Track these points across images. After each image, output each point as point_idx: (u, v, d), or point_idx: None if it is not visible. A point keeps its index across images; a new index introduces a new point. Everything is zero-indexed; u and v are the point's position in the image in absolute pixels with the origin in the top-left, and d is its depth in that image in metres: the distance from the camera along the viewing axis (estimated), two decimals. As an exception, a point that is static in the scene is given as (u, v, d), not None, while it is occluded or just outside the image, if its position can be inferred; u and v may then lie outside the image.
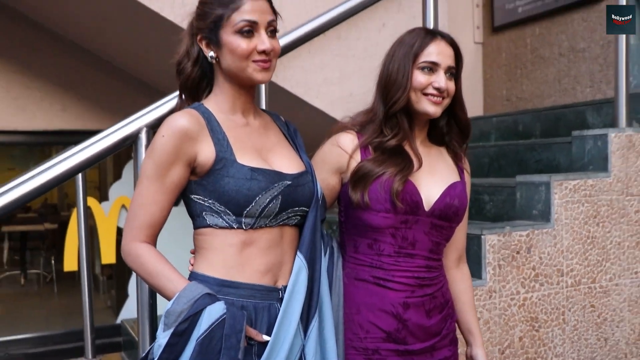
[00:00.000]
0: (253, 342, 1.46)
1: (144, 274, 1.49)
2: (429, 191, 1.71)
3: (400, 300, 1.68)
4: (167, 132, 1.46)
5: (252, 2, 1.49)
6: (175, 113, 1.52)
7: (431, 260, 1.72)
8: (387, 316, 1.67)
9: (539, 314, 2.47)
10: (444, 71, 1.70)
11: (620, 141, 2.67)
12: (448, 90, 1.70)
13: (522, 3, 4.81)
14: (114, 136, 1.94)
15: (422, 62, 1.70)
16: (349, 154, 1.72)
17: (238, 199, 1.46)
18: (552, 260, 2.50)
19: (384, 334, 1.67)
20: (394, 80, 1.70)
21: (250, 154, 1.52)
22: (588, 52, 4.35)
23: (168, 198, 1.49)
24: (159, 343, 1.41)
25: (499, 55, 5.06)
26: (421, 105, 1.70)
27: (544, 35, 4.67)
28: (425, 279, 1.71)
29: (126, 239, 1.50)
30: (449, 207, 1.71)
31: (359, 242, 1.73)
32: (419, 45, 1.71)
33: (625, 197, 2.67)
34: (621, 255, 2.67)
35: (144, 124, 1.94)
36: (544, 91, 4.67)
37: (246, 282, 1.49)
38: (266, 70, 1.53)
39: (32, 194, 1.79)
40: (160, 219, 1.50)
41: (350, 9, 2.45)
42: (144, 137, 1.94)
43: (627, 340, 2.70)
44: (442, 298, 1.76)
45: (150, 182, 1.47)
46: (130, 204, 1.53)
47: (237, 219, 1.48)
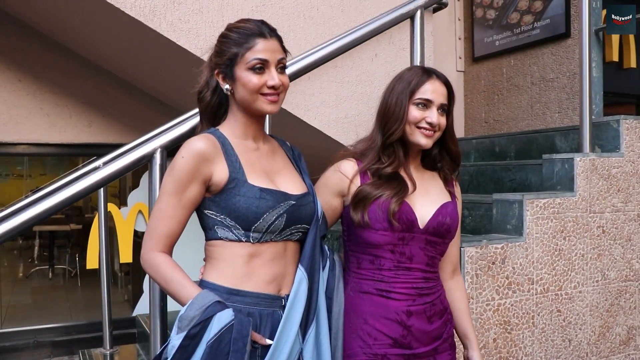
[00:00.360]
0: (257, 345, 1.46)
1: (160, 281, 1.49)
2: (423, 211, 1.71)
3: (404, 309, 1.67)
4: (186, 153, 1.47)
5: (263, 42, 1.51)
6: (194, 137, 1.53)
7: (428, 272, 1.72)
8: (393, 324, 1.67)
9: (511, 318, 2.45)
10: (436, 108, 1.70)
11: (584, 164, 2.66)
12: (439, 125, 1.71)
13: (499, 37, 4.82)
14: (132, 155, 1.92)
15: (417, 99, 1.70)
16: (350, 179, 1.73)
17: (247, 216, 1.46)
18: (523, 270, 2.48)
19: (391, 340, 1.66)
20: (392, 113, 1.71)
21: (259, 175, 1.53)
22: (556, 82, 4.36)
23: (185, 213, 1.49)
24: (173, 344, 1.41)
25: (478, 82, 5.07)
26: (415, 137, 1.71)
27: (518, 66, 4.67)
28: (423, 288, 1.70)
29: (145, 248, 1.50)
30: (441, 225, 1.71)
31: (361, 258, 1.72)
32: (416, 83, 1.71)
33: (588, 214, 2.66)
34: (584, 265, 2.65)
35: (158, 145, 1.92)
36: (518, 115, 4.67)
37: (252, 291, 1.49)
38: (274, 102, 1.54)
39: (64, 203, 1.78)
40: (176, 231, 1.50)
41: (348, 44, 2.44)
42: (158, 156, 1.92)
43: (588, 341, 2.68)
44: (441, 305, 1.75)
45: (169, 197, 1.48)
46: (150, 216, 1.53)
47: (246, 233, 1.48)
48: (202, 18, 3.53)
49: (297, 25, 3.83)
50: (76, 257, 7.01)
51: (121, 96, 4.92)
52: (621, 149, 2.79)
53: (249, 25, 1.55)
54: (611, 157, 2.75)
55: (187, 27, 3.48)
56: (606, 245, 2.71)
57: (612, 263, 2.74)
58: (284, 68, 1.56)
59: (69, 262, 7.33)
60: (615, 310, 2.75)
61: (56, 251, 7.59)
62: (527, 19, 4.57)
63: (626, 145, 2.79)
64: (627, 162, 2.78)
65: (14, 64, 4.64)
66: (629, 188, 2.79)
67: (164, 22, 3.42)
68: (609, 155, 2.76)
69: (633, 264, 2.80)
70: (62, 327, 4.97)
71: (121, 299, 5.97)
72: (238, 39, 1.53)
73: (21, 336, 4.83)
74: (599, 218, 2.69)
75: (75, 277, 7.01)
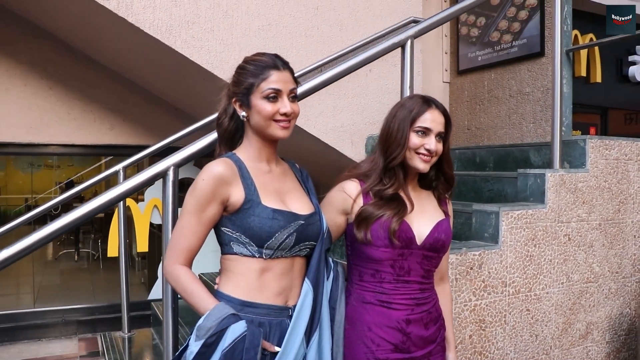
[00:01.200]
0: (266, 352, 1.47)
1: (181, 291, 1.49)
2: (420, 228, 1.70)
3: (404, 317, 1.67)
4: (206, 176, 1.47)
5: (277, 74, 1.52)
6: (213, 161, 1.52)
7: (424, 284, 1.71)
8: (394, 331, 1.66)
9: (485, 317, 2.46)
10: (435, 135, 1.67)
11: (554, 179, 2.66)
12: (437, 151, 1.69)
13: (481, 53, 4.80)
14: (148, 172, 1.92)
15: (417, 127, 1.67)
16: (353, 199, 1.71)
17: (261, 234, 1.47)
18: (498, 274, 2.49)
19: (392, 346, 1.66)
20: (394, 138, 1.69)
21: (272, 196, 1.53)
22: (532, 96, 4.35)
23: (204, 230, 1.49)
24: (191, 350, 1.42)
25: (462, 93, 5.06)
26: (414, 162, 1.69)
27: (498, 79, 4.67)
28: (420, 298, 1.70)
29: (168, 261, 1.50)
30: (437, 241, 1.70)
31: (363, 272, 1.71)
32: (417, 112, 1.68)
33: (557, 223, 2.66)
34: (552, 269, 2.66)
35: (171, 163, 1.92)
36: (497, 124, 4.67)
37: (263, 303, 1.50)
38: (286, 128, 1.55)
39: (92, 213, 1.79)
40: (196, 246, 1.51)
41: (345, 70, 2.41)
42: (171, 173, 1.91)
43: (552, 336, 2.69)
44: (436, 312, 1.75)
45: (191, 216, 1.48)
46: (173, 231, 1.54)
47: (259, 250, 1.48)
48: (213, 36, 3.52)
49: (299, 42, 3.82)
50: (99, 242, 7.02)
51: (140, 102, 4.93)
52: (587, 165, 2.79)
53: (264, 58, 1.55)
54: (578, 172, 2.75)
55: (200, 44, 3.47)
56: (571, 251, 2.72)
57: (576, 267, 2.75)
58: (295, 97, 1.56)
59: (93, 246, 7.34)
60: (577, 308, 2.77)
61: (81, 236, 7.58)
62: (506, 37, 4.56)
63: (591, 162, 2.79)
64: (591, 177, 2.79)
65: (46, 74, 4.67)
66: (593, 200, 2.79)
67: (179, 40, 3.41)
68: (576, 170, 2.76)
69: (594, 268, 2.82)
70: (87, 308, 5.00)
71: (138, 281, 5.99)
72: (254, 71, 1.53)
73: (51, 315, 4.87)
74: (565, 227, 2.70)
75: (97, 260, 7.02)
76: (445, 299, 1.87)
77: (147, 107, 4.94)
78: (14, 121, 4.55)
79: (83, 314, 4.95)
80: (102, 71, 4.78)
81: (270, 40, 3.70)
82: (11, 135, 4.54)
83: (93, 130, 4.77)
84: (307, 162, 1.81)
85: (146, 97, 4.93)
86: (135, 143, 4.80)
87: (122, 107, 4.86)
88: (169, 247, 1.52)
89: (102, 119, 4.81)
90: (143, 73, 4.56)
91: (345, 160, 3.99)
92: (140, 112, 4.91)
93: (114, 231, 4.68)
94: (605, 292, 2.87)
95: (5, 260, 1.62)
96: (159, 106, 4.97)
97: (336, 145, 3.90)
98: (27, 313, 4.81)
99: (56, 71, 4.65)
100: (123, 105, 4.86)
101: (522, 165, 3.29)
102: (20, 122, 4.57)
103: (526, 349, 2.60)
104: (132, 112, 4.90)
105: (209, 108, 3.77)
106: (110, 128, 4.83)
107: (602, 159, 2.84)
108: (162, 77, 4.34)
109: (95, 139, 4.78)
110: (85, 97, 4.76)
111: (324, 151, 3.98)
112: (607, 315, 2.89)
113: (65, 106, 4.70)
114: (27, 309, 4.91)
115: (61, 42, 4.64)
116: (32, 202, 6.44)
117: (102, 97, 4.80)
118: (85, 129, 4.75)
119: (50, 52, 4.63)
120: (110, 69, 4.77)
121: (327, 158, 4.06)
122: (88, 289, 6.11)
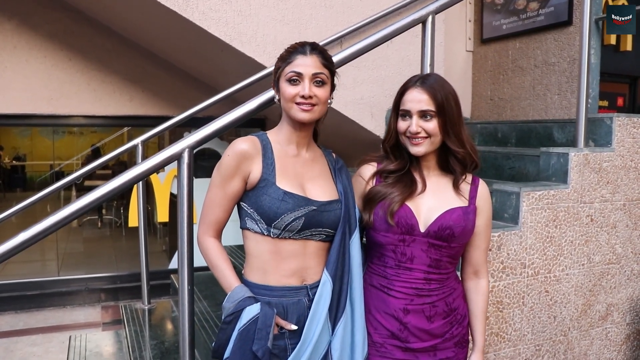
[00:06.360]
0: (284, 330, 1.54)
1: (208, 263, 1.61)
2: (428, 214, 1.63)
3: (401, 306, 1.63)
4: (231, 152, 1.56)
5: (301, 58, 1.56)
6: (240, 138, 1.60)
7: (431, 274, 1.64)
8: (391, 318, 1.65)
9: (503, 299, 2.43)
10: (417, 116, 1.61)
11: (578, 159, 2.58)
12: (426, 131, 1.60)
13: (506, 22, 4.65)
14: (163, 154, 1.90)
15: (400, 110, 1.65)
16: (366, 181, 1.71)
17: (269, 214, 1.52)
18: (517, 255, 2.44)
19: (389, 332, 1.65)
20: (389, 122, 1.70)
21: (290, 180, 1.57)
22: (557, 66, 4.22)
23: (229, 203, 1.59)
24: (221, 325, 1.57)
25: (485, 62, 4.92)
26: (407, 146, 1.66)
27: (523, 49, 4.52)
28: (423, 290, 1.63)
29: (199, 231, 1.62)
30: (443, 230, 1.61)
31: (371, 254, 1.72)
32: (399, 94, 1.66)
33: (579, 204, 2.60)
34: (572, 251, 2.61)
35: (186, 145, 1.89)
36: (521, 95, 4.54)
37: (276, 285, 1.57)
38: (307, 111, 1.56)
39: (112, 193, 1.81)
40: (223, 218, 1.61)
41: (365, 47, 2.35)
42: (186, 155, 1.89)
43: (571, 317, 2.66)
44: (446, 307, 1.67)
45: (217, 189, 1.58)
46: (202, 205, 1.62)
47: (267, 228, 1.54)
48: (231, 7, 3.46)
49: (319, 13, 3.73)
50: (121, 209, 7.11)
51: (159, 73, 4.91)
52: (612, 144, 2.70)
53: (296, 44, 1.60)
54: (603, 151, 2.66)
55: (217, 15, 3.41)
56: (593, 232, 2.66)
57: (598, 248, 2.69)
58: (320, 82, 1.56)
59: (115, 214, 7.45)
60: (597, 289, 2.72)
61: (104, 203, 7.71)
62: (532, 5, 4.39)
63: (617, 140, 2.70)
64: (617, 157, 2.70)
65: (66, 45, 4.66)
66: (617, 180, 2.71)
67: (196, 12, 3.35)
68: (601, 150, 2.67)
69: (616, 249, 2.76)
70: (109, 276, 5.10)
71: (159, 249, 6.06)
72: (284, 56, 1.60)
73: (75, 283, 4.98)
74: (588, 208, 2.63)
75: (120, 226, 7.13)
76: (476, 297, 1.77)
77: (166, 78, 4.91)
78: (34, 93, 4.58)
79: (105, 282, 5.05)
80: (123, 42, 4.75)
81: (289, 11, 3.62)
82: (32, 106, 4.57)
83: (112, 101, 4.78)
84: (327, 135, 1.79)
85: (165, 68, 4.90)
86: (154, 114, 4.80)
87: (141, 78, 4.85)
88: (200, 218, 1.63)
89: (121, 90, 4.81)
90: (162, 44, 4.53)
91: (365, 134, 3.93)
92: (160, 83, 4.89)
93: (134, 201, 4.73)
94: (627, 273, 2.82)
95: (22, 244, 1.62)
96: (178, 77, 4.94)
97: (356, 118, 3.84)
98: (52, 281, 4.93)
99: (76, 42, 4.64)
100: (142, 76, 4.85)
101: (546, 142, 3.20)
102: (40, 93, 4.59)
103: (544, 330, 2.58)
104: (151, 83, 4.88)
105: (230, 79, 3.74)
106: (130, 99, 4.83)
107: (630, 137, 2.74)
108: (180, 48, 4.30)
109: (114, 110, 4.79)
110: (105, 68, 4.75)
111: (344, 123, 3.92)
112: (628, 297, 2.84)
113: (84, 77, 4.70)
114: (52, 276, 5.03)
115: (82, 13, 4.62)
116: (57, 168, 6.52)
117: (122, 68, 4.78)
118: (105, 100, 4.76)
119: (71, 23, 4.61)
120: (131, 40, 4.75)
121: (347, 130, 4.00)
122: (110, 257, 6.22)
